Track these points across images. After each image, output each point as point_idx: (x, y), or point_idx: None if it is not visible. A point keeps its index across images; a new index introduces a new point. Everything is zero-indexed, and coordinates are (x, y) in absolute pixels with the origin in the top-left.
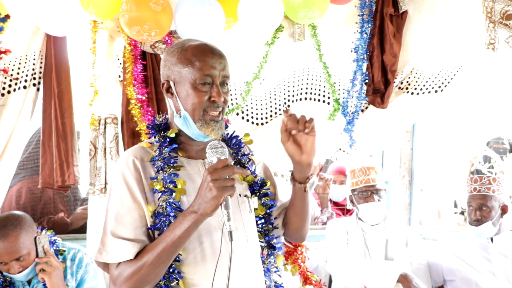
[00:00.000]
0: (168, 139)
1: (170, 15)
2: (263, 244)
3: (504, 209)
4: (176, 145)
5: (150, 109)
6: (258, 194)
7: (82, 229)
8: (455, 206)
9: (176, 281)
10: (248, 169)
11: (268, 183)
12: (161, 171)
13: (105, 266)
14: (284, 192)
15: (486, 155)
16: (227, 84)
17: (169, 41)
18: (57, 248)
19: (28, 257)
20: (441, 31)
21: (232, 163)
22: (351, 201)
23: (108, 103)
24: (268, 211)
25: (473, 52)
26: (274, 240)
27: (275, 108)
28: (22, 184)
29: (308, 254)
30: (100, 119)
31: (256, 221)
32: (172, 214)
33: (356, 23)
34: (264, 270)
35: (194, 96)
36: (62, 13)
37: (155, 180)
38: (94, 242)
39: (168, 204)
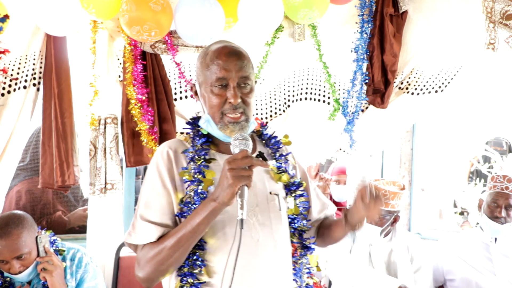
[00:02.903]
0: (201, 133)
1: (170, 15)
2: (296, 244)
3: None
4: (208, 139)
5: (150, 109)
6: (294, 195)
7: (82, 229)
8: (455, 206)
9: (199, 269)
10: (286, 170)
11: (304, 185)
12: (192, 162)
13: (135, 248)
14: (318, 207)
15: (486, 155)
16: (248, 84)
17: (169, 41)
18: (57, 248)
19: (29, 256)
20: (441, 31)
21: (254, 156)
22: None
23: (108, 103)
24: (303, 211)
25: (473, 52)
26: (308, 241)
27: (275, 108)
28: (22, 185)
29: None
30: (100, 119)
31: (290, 221)
32: (198, 203)
33: (356, 23)
34: (296, 270)
35: (211, 99)
36: (62, 13)
37: (186, 170)
38: (94, 242)
39: (195, 193)
